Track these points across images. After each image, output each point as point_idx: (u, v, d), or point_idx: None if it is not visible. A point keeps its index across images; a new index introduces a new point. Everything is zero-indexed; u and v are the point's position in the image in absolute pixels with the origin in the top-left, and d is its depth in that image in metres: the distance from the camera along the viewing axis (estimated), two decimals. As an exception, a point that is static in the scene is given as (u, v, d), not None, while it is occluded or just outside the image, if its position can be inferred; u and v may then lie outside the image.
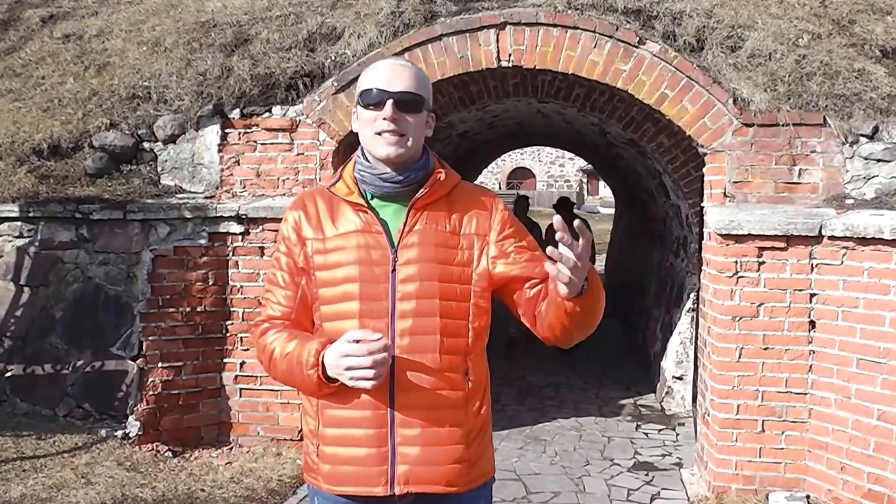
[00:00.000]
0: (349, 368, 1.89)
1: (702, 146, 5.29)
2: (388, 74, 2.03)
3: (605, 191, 45.55)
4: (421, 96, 2.04)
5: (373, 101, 2.02)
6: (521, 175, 45.81)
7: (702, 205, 5.52)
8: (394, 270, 2.02)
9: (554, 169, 45.70)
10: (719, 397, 4.88)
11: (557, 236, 1.80)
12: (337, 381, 1.94)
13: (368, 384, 1.89)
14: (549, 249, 1.84)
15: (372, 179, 2.06)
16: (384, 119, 2.00)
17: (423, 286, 2.02)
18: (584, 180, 45.72)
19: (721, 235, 4.85)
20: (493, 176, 43.06)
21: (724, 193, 5.16)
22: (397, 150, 2.01)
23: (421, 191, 2.06)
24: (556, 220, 1.80)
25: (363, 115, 2.05)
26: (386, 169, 2.06)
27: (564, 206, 9.14)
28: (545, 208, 41.57)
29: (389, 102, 2.00)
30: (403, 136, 2.01)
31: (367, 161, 2.09)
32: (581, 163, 42.65)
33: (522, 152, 43.15)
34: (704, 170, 5.37)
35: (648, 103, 5.43)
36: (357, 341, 1.89)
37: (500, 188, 44.07)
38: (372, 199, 2.08)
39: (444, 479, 2.02)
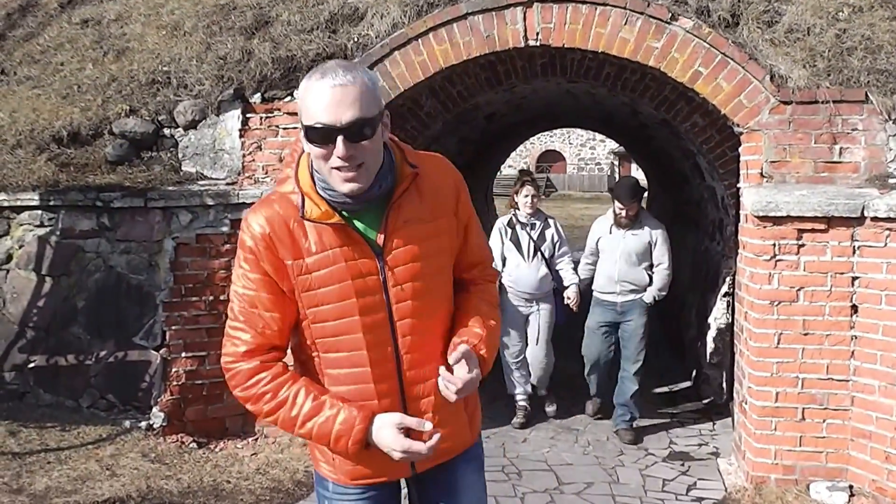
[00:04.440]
0: (405, 452, 2.05)
1: (737, 125, 5.29)
2: (329, 102, 1.90)
3: (636, 173, 45.19)
4: (371, 118, 1.95)
5: (320, 139, 1.93)
6: (550, 158, 45.62)
7: (738, 186, 5.52)
8: (384, 278, 2.07)
9: (585, 151, 45.44)
10: (757, 385, 4.91)
11: (445, 378, 2.09)
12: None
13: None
14: (443, 373, 2.11)
15: (342, 199, 2.03)
16: (339, 157, 1.93)
17: (415, 286, 2.10)
18: (616, 163, 45.41)
19: (758, 217, 4.87)
20: (521, 159, 42.88)
21: (762, 174, 5.15)
22: (360, 185, 1.98)
23: (396, 194, 2.07)
24: (455, 357, 2.12)
25: (313, 150, 1.97)
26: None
27: (631, 194, 6.13)
28: (576, 192, 41.50)
29: (340, 139, 1.91)
30: (361, 166, 1.96)
31: (328, 184, 2.03)
32: (612, 145, 42.37)
33: (552, 135, 42.93)
34: (740, 150, 5.37)
35: (682, 81, 5.42)
36: (406, 431, 2.04)
37: (528, 172, 43.69)
38: (342, 211, 2.06)
39: (455, 445, 2.25)
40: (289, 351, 2.22)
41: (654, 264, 6.09)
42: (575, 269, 6.36)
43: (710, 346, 6.76)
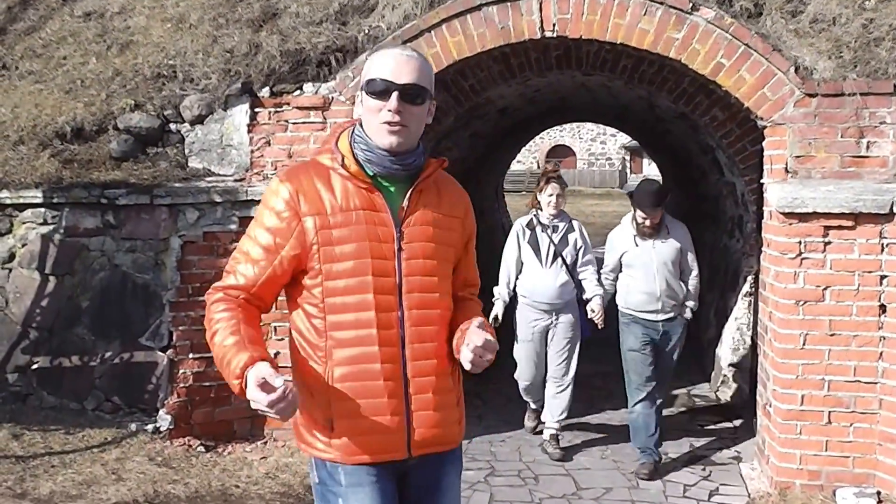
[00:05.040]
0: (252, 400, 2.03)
1: (761, 118, 5.17)
2: (394, 65, 2.16)
3: (648, 168, 44.98)
4: (425, 89, 2.21)
5: (378, 91, 2.17)
6: (560, 153, 45.44)
7: (760, 182, 5.41)
8: (399, 248, 2.22)
9: (595, 146, 45.28)
10: (782, 387, 4.80)
11: (472, 347, 2.15)
12: None
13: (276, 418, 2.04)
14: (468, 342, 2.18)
15: (380, 160, 2.22)
16: (389, 111, 2.15)
17: (427, 264, 2.25)
18: (627, 158, 45.28)
19: (783, 214, 4.76)
20: (530, 154, 42.80)
21: (786, 169, 5.02)
22: (399, 140, 2.19)
23: (423, 175, 2.27)
24: (476, 320, 2.23)
25: (368, 103, 2.20)
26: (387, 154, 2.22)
27: (654, 201, 5.40)
28: (586, 188, 41.33)
29: (395, 94, 2.15)
30: (406, 128, 2.18)
31: (369, 141, 2.23)
32: (623, 139, 42.23)
33: (562, 129, 42.81)
34: (764, 144, 5.26)
35: (703, 73, 5.30)
36: (262, 383, 1.99)
37: (538, 167, 43.75)
38: (373, 177, 2.24)
39: (450, 438, 2.34)
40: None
41: (683, 272, 5.51)
42: (599, 279, 5.67)
43: (730, 346, 6.64)
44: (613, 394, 6.83)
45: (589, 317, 5.59)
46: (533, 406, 5.96)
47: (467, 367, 2.20)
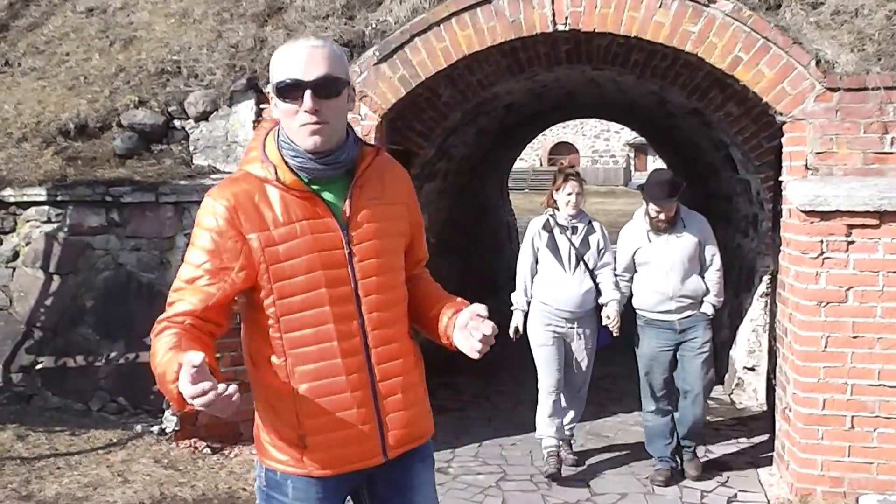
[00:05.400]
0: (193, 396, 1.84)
1: (780, 114, 5.01)
2: (302, 61, 2.02)
3: (654, 165, 44.71)
4: (340, 78, 2.07)
5: (290, 92, 2.03)
6: (563, 150, 45.14)
7: (779, 179, 5.26)
8: (350, 253, 2.12)
9: (599, 143, 45.00)
10: (803, 391, 4.65)
11: (481, 336, 2.04)
12: None
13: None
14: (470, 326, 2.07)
15: (311, 165, 2.09)
16: (305, 111, 2.02)
17: (380, 262, 2.16)
18: (632, 155, 45.03)
19: (805, 212, 4.60)
20: (533, 152, 42.59)
21: (806, 166, 4.86)
22: (323, 139, 2.06)
23: (360, 170, 2.16)
24: (475, 307, 2.08)
25: (281, 106, 2.06)
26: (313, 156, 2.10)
27: (667, 192, 5.03)
28: (590, 186, 41.09)
29: (308, 93, 2.02)
30: (327, 124, 2.05)
31: (296, 146, 2.09)
32: (628, 136, 42.00)
33: (565, 126, 42.50)
34: (783, 140, 5.09)
35: (720, 68, 5.15)
36: (195, 368, 1.80)
37: (540, 164, 43.66)
38: (309, 183, 2.12)
39: (423, 432, 2.31)
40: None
41: (703, 266, 5.11)
42: (616, 282, 5.20)
43: (744, 348, 6.49)
44: (624, 396, 6.69)
45: (604, 323, 5.15)
46: (552, 440, 5.23)
47: (473, 355, 2.10)
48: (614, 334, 5.15)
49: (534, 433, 5.26)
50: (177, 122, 6.02)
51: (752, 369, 6.52)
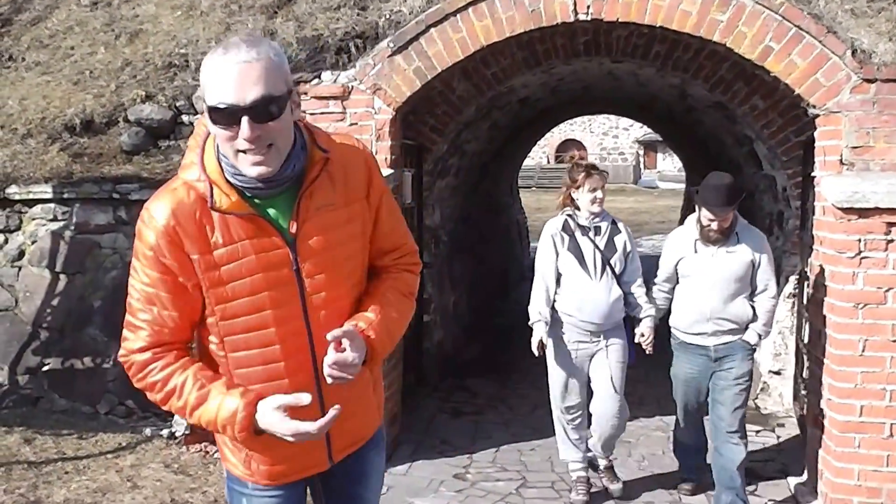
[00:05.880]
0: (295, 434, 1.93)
1: (813, 106, 4.78)
2: (233, 81, 1.79)
3: (663, 164, 44.52)
4: (279, 96, 1.85)
5: (224, 119, 1.82)
6: (570, 147, 44.86)
7: (805, 175, 5.05)
8: (297, 268, 1.99)
9: (607, 140, 44.69)
10: (839, 397, 4.41)
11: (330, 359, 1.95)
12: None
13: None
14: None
15: (253, 184, 1.92)
16: (245, 139, 1.82)
17: (329, 276, 2.02)
18: (641, 152, 44.71)
19: (842, 210, 4.37)
20: (539, 149, 42.30)
21: (841, 161, 4.63)
22: (268, 167, 1.88)
23: (307, 180, 1.98)
24: (333, 334, 1.93)
25: (216, 131, 1.87)
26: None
27: (726, 199, 4.42)
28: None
29: (245, 120, 1.81)
30: (271, 147, 1.87)
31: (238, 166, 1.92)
32: (637, 133, 41.74)
33: (572, 123, 42.17)
34: (816, 134, 4.87)
35: (750, 58, 4.92)
36: (284, 408, 1.91)
37: (548, 162, 43.46)
38: (252, 197, 1.96)
39: (370, 430, 2.27)
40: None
41: (755, 290, 4.46)
42: (649, 293, 4.67)
43: (770, 351, 6.26)
44: (645, 400, 6.45)
45: (636, 340, 4.59)
46: (578, 464, 4.79)
47: (328, 380, 2.00)
48: (647, 352, 4.61)
49: (552, 437, 4.97)
50: (184, 117, 5.95)
51: (778, 373, 6.28)
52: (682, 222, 5.40)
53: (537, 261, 4.74)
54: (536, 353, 4.56)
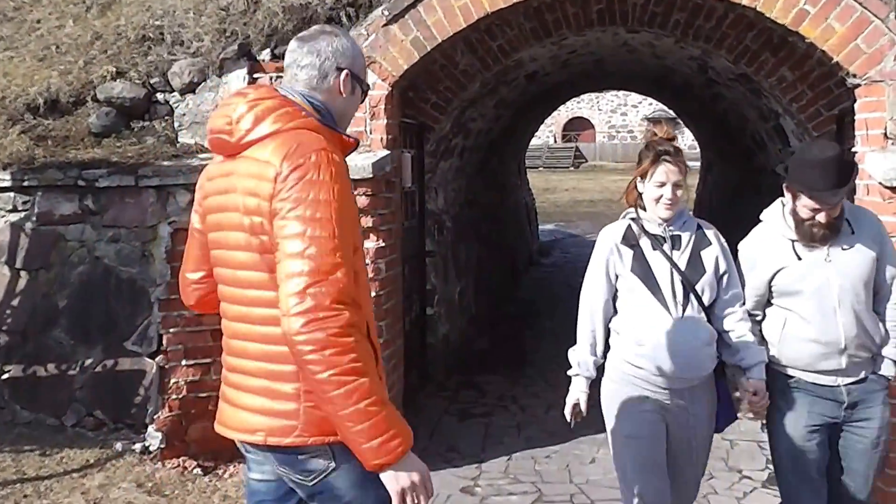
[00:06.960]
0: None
1: (853, 76, 4.66)
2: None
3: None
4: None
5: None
6: (578, 126, 45.01)
7: (853, 150, 4.80)
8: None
9: (615, 118, 44.86)
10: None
11: None
12: None
13: None
14: None
15: None
16: None
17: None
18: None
19: (890, 188, 4.22)
20: (546, 128, 42.27)
21: (886, 135, 4.49)
22: None
23: None
24: None
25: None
26: None
27: (836, 179, 3.12)
28: (608, 162, 40.70)
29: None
30: None
31: None
32: (645, 110, 41.70)
33: (580, 100, 42.45)
34: (857, 105, 4.72)
35: (783, 23, 4.78)
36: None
37: (554, 141, 43.38)
38: None
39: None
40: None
41: (879, 294, 3.35)
42: (756, 329, 3.40)
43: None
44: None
45: (738, 396, 3.40)
46: None
47: None
48: (751, 414, 3.55)
49: (569, 443, 4.63)
50: (160, 96, 5.77)
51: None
52: (697, 203, 4.95)
53: (585, 285, 3.44)
54: (570, 421, 3.37)
